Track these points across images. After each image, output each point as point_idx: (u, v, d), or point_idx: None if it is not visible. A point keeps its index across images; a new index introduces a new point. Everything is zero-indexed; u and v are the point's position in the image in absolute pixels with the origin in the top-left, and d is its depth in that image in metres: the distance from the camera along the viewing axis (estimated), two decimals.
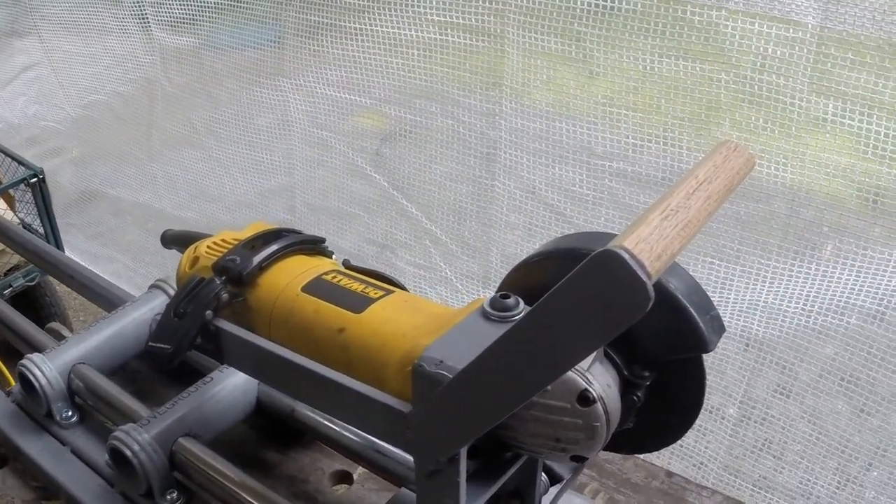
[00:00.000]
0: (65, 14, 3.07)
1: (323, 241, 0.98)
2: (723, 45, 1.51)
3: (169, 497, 1.03)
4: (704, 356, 0.73)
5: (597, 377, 0.69)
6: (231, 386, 1.12)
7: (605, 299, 0.50)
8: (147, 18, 2.68)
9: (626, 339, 0.71)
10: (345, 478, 1.13)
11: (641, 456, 1.31)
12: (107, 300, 1.40)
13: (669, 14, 1.53)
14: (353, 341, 0.80)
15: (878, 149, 1.42)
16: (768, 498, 1.76)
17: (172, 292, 1.23)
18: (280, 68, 2.34)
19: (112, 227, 3.38)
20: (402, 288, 0.88)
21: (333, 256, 0.98)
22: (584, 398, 0.68)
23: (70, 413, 1.18)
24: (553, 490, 0.93)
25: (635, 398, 0.74)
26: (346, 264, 0.95)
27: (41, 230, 2.74)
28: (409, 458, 0.78)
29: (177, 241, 1.13)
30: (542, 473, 0.90)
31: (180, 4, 2.54)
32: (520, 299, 0.73)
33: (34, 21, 3.22)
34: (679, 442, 1.85)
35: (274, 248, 0.93)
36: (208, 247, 0.97)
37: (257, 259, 0.91)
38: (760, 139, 1.53)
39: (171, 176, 3.00)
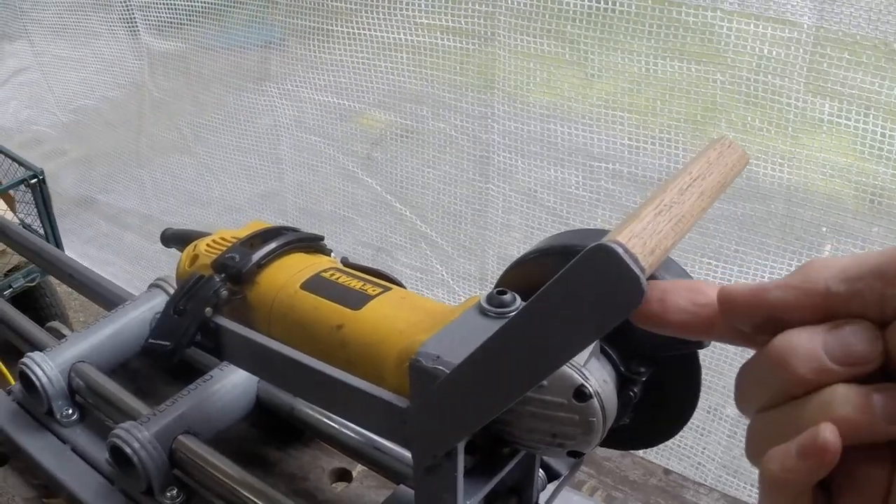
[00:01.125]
0: (54, 18, 3.07)
1: (321, 238, 0.98)
2: (718, 46, 1.51)
3: (169, 494, 1.03)
4: (703, 355, 0.73)
5: (593, 373, 0.70)
6: (231, 384, 1.12)
7: (599, 293, 0.50)
8: (136, 22, 2.68)
9: (623, 335, 0.71)
10: (344, 475, 1.13)
11: (639, 453, 1.32)
12: (106, 299, 1.40)
13: (664, 15, 1.53)
14: (352, 338, 0.81)
15: (874, 148, 1.42)
16: None
17: (171, 291, 1.24)
18: (267, 72, 2.34)
19: (106, 231, 3.38)
20: (400, 285, 0.89)
21: (332, 254, 0.99)
22: (581, 393, 0.68)
23: (70, 411, 1.18)
24: (551, 486, 0.93)
25: (632, 394, 0.74)
26: (345, 262, 0.95)
27: (41, 231, 2.75)
28: (408, 455, 0.78)
29: (176, 239, 1.13)
30: (540, 470, 0.91)
31: (168, 8, 2.54)
32: (516, 295, 0.73)
33: (24, 24, 3.22)
34: (678, 442, 1.86)
35: (272, 245, 0.93)
36: (207, 245, 0.98)
37: (256, 256, 0.91)
38: (757, 139, 1.54)
39: (159, 181, 3.00)
